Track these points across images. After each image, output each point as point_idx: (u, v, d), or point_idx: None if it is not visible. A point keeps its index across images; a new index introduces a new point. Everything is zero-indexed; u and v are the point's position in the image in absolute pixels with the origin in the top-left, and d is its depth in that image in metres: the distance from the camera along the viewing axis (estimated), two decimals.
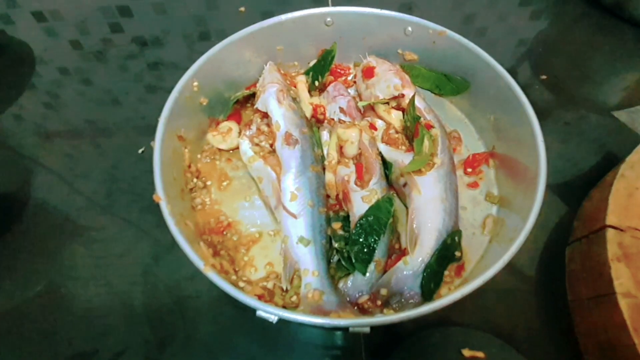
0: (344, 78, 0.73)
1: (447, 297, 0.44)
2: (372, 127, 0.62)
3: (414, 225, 0.55)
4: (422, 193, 0.56)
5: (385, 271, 0.53)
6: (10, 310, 0.57)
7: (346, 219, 0.56)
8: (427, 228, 0.54)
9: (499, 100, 0.61)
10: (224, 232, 0.58)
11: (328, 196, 0.58)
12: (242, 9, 0.89)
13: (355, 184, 0.58)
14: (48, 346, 0.55)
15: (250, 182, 0.62)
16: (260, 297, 0.51)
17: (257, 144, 0.60)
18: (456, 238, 0.54)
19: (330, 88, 0.68)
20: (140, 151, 0.69)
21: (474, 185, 0.62)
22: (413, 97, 0.61)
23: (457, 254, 0.54)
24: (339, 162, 0.60)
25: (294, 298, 0.51)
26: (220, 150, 0.64)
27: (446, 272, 0.53)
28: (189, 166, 0.61)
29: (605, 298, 0.49)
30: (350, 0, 0.64)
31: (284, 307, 0.51)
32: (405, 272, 0.52)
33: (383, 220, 0.54)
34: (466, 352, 0.48)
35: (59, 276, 0.59)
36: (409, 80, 0.66)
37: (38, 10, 0.90)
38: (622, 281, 0.48)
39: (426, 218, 0.54)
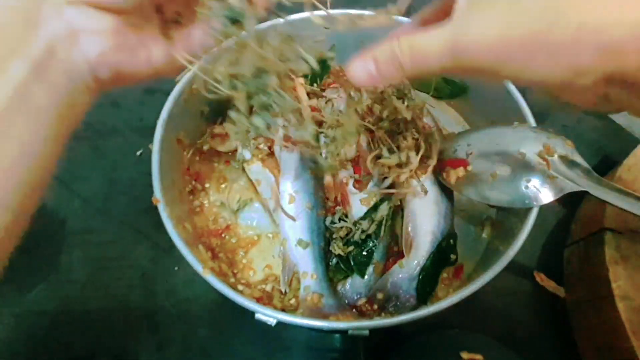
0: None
1: (446, 299, 0.44)
2: None
3: (409, 229, 0.54)
4: (417, 196, 0.56)
5: (384, 273, 0.53)
6: (6, 313, 0.57)
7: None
8: (422, 231, 0.54)
9: (497, 103, 0.61)
10: (223, 235, 0.58)
11: (327, 198, 0.58)
12: None
13: (354, 186, 0.58)
14: (45, 349, 0.55)
15: (249, 184, 0.62)
16: (258, 300, 0.50)
17: (255, 147, 0.60)
18: (451, 241, 0.54)
19: (328, 91, 0.68)
20: (138, 153, 0.68)
21: None
22: None
23: (453, 256, 0.54)
24: None
25: (293, 301, 0.51)
26: (218, 152, 0.64)
27: (445, 275, 0.53)
28: (188, 168, 0.60)
29: (603, 300, 0.49)
30: (349, 3, 0.64)
31: (283, 309, 0.51)
32: (400, 276, 0.52)
33: (381, 223, 0.54)
34: (465, 355, 0.47)
35: (56, 279, 0.59)
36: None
37: None
38: (620, 284, 0.48)
39: (421, 221, 0.54)
